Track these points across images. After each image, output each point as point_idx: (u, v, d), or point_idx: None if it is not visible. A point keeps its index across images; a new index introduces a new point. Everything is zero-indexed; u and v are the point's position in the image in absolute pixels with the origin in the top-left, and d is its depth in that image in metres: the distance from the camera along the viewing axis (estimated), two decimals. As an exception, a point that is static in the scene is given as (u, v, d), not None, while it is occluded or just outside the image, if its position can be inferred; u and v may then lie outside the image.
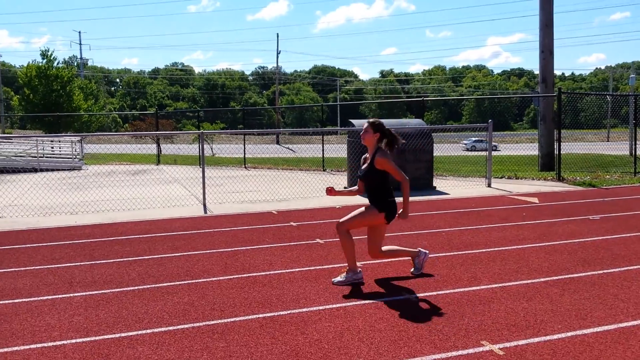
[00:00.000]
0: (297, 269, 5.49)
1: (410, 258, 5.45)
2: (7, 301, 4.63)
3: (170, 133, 16.63)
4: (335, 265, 5.57)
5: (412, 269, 5.31)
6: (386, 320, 4.06)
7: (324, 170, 15.98)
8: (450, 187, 11.91)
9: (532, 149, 20.57)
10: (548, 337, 3.70)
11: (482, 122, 18.73)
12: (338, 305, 4.43)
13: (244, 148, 19.15)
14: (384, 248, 5.12)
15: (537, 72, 20.24)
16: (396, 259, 5.61)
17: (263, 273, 5.34)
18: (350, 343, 3.66)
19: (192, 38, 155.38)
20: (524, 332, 3.79)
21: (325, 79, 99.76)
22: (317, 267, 5.55)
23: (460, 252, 6.09)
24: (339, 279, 5.02)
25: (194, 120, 59.73)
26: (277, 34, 58.07)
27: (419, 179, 11.44)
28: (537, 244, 6.43)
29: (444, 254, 6.01)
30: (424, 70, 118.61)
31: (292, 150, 34.14)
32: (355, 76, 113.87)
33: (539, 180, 13.26)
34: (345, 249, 5.00)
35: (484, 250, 6.20)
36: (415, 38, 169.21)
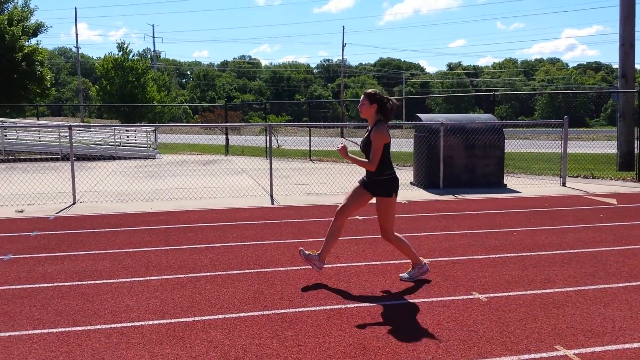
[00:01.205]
0: (363, 263, 5.50)
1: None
2: (89, 282, 4.92)
3: (238, 125, 17.03)
4: (402, 261, 5.55)
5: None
6: (455, 319, 4.01)
7: (389, 165, 15.88)
8: (522, 185, 11.53)
9: (609, 147, 19.55)
10: (627, 346, 3.53)
11: (556, 118, 17.96)
12: (406, 301, 4.41)
13: (310, 140, 19.31)
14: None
15: (615, 66, 19.21)
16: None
17: (329, 265, 5.39)
18: (418, 340, 3.64)
19: (260, 31, 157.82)
20: (600, 339, 3.64)
21: (390, 72, 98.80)
22: (384, 262, 5.54)
23: (532, 253, 5.90)
24: (405, 275, 4.99)
25: (260, 112, 60.78)
26: (343, 26, 58.17)
27: (488, 175, 11.16)
28: (615, 247, 6.13)
29: (515, 254, 5.85)
30: (493, 63, 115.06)
31: (356, 143, 34.00)
32: (422, 69, 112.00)
33: (617, 180, 12.60)
34: (401, 249, 4.93)
35: (558, 252, 5.97)
36: (485, 30, 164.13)
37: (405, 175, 13.21)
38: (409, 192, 10.51)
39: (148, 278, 5.02)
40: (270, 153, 10.56)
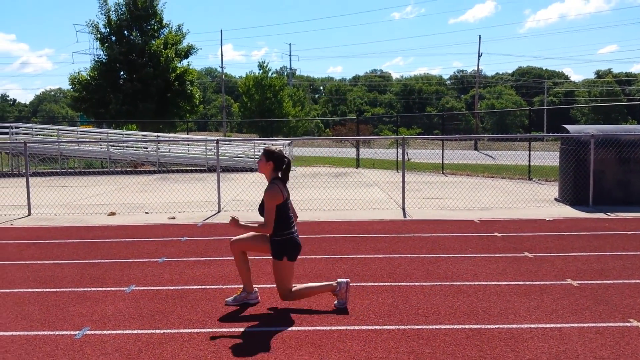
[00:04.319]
0: (504, 282, 5.21)
1: (331, 293, 4.62)
2: (233, 286, 5.20)
3: (371, 138, 17.18)
4: (547, 282, 5.16)
5: (335, 302, 4.56)
6: (610, 348, 3.63)
7: (529, 179, 14.97)
8: (686, 203, 10.23)
9: None
10: None
11: None
12: (552, 325, 4.09)
13: (442, 153, 18.88)
14: (296, 288, 4.60)
15: None
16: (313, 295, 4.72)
17: (467, 283, 5.18)
18: (569, 369, 3.35)
19: (394, 44, 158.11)
20: None
21: (530, 81, 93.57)
22: (527, 282, 5.20)
23: None
24: (230, 299, 4.69)
25: (390, 125, 60.75)
26: (479, 35, 56.26)
27: (645, 192, 10.05)
28: None
29: (682, 281, 5.18)
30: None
31: (491, 156, 32.68)
32: (566, 77, 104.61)
33: None
34: (239, 270, 4.64)
35: None
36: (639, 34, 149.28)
37: (548, 190, 12.37)
38: (553, 208, 9.81)
39: (286, 285, 5.18)
40: (403, 165, 10.48)
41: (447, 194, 11.92)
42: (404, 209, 9.77)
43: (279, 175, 4.61)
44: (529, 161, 15.76)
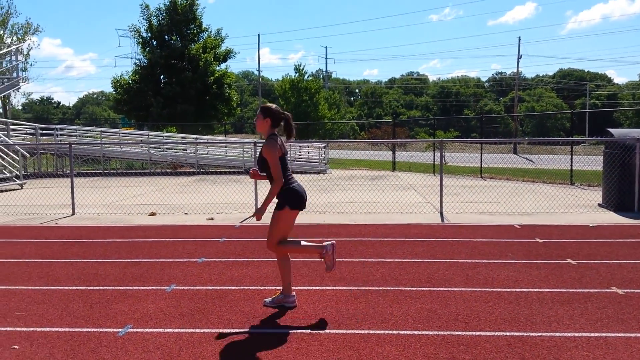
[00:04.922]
0: (546, 289, 5.09)
1: (319, 257, 4.68)
2: (270, 287, 5.23)
3: (408, 141, 17.03)
4: (591, 290, 5.02)
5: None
6: (661, 361, 3.50)
7: (572, 184, 14.59)
8: None
9: None
10: None
11: None
12: (597, 334, 3.98)
13: (481, 157, 18.58)
14: (283, 242, 4.62)
15: None
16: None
17: (508, 289, 5.08)
18: (616, 380, 3.24)
19: (431, 47, 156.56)
20: None
21: (571, 84, 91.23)
22: (570, 290, 5.07)
23: None
24: (268, 299, 4.76)
25: (427, 128, 60.12)
26: (519, 37, 55.20)
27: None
28: None
29: None
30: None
31: (531, 160, 31.99)
32: (609, 80, 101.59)
33: None
34: (281, 270, 4.65)
35: None
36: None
37: (591, 196, 12.03)
38: (597, 214, 9.53)
39: (323, 288, 5.20)
40: (441, 169, 10.36)
41: (486, 199, 11.73)
42: (441, 213, 9.65)
43: (276, 132, 4.64)
44: (571, 165, 15.35)
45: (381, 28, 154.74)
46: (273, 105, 4.65)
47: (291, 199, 4.58)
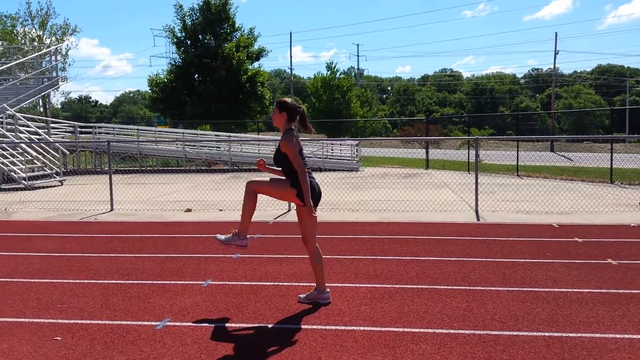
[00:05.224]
0: (586, 290, 4.97)
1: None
2: (304, 284, 5.25)
3: (442, 138, 16.84)
4: (633, 291, 4.88)
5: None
6: None
7: (611, 183, 14.19)
8: None
9: None
10: None
11: None
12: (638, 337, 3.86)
13: (517, 155, 18.23)
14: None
15: None
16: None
17: (546, 289, 4.98)
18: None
19: (465, 43, 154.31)
20: None
21: (610, 80, 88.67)
22: (611, 290, 4.93)
23: None
24: (302, 295, 4.75)
25: (461, 126, 59.38)
26: (556, 33, 53.90)
27: None
28: None
29: None
30: None
31: (568, 158, 31.25)
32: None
33: None
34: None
35: None
36: None
37: (632, 195, 11.69)
38: (638, 214, 9.25)
39: (357, 285, 5.19)
40: (476, 167, 10.21)
41: (523, 197, 11.51)
42: (477, 212, 9.52)
43: (293, 126, 4.63)
44: (611, 163, 14.92)
45: (413, 25, 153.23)
46: (288, 99, 4.67)
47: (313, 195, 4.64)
